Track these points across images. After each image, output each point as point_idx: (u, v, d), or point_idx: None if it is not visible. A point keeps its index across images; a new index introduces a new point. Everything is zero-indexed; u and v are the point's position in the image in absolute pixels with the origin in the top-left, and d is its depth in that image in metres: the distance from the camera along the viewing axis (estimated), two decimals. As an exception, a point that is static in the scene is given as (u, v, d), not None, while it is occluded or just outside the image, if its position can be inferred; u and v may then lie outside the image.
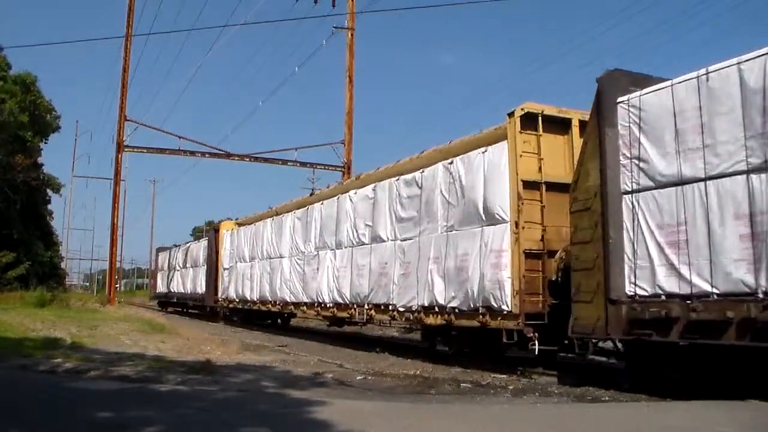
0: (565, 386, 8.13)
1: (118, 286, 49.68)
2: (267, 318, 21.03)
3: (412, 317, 11.48)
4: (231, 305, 22.36)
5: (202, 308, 27.20)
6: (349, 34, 26.43)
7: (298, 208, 17.54)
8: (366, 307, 12.80)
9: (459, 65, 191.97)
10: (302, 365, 10.08)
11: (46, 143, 38.13)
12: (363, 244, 13.24)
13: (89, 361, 8.74)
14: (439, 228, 10.81)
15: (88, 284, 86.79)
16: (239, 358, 10.39)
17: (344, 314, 14.02)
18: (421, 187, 11.44)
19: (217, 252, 24.09)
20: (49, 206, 42.53)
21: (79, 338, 11.83)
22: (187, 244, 31.76)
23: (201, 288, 26.51)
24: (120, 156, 26.90)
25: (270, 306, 18.64)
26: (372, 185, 13.25)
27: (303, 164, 29.08)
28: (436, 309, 10.65)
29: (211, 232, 25.46)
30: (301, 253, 16.48)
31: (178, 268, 32.28)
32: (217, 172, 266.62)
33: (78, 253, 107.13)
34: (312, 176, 44.32)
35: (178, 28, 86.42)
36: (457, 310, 10.20)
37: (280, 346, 13.64)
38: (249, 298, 20.22)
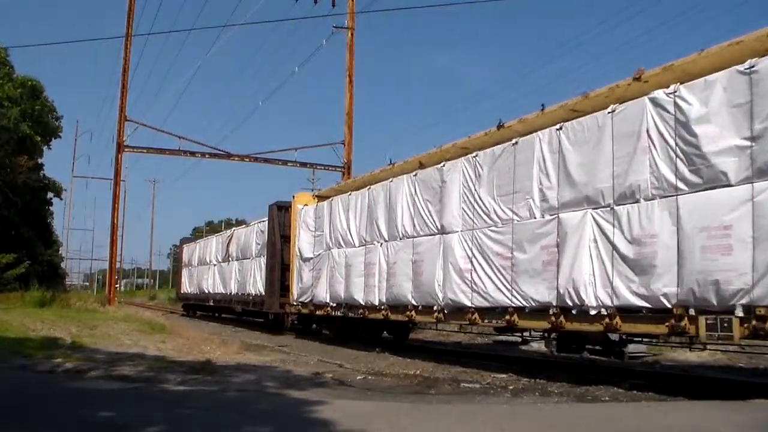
0: (565, 386, 8.13)
1: (118, 286, 49.67)
2: (378, 329, 14.56)
3: None
4: (318, 312, 15.19)
5: (260, 315, 20.88)
6: (349, 34, 26.40)
7: (482, 147, 10.39)
8: (743, 312, 6.31)
9: (458, 66, 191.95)
10: (302, 365, 10.08)
11: (50, 149, 38.35)
12: (722, 183, 6.65)
13: (89, 361, 8.73)
14: None
15: (88, 284, 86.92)
16: (239, 358, 10.39)
17: (657, 329, 7.35)
18: None
19: (286, 237, 17.54)
20: (50, 207, 42.68)
21: (79, 338, 11.83)
22: (230, 231, 24.98)
23: (256, 288, 20.08)
24: (120, 156, 26.84)
25: (413, 314, 11.48)
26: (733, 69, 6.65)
27: (303, 164, 29.02)
28: None
29: (273, 210, 18.59)
30: (500, 222, 9.61)
31: (214, 262, 25.59)
32: (217, 172, 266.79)
33: (78, 253, 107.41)
34: (312, 176, 44.34)
35: (178, 28, 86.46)
36: None
37: (280, 346, 13.63)
38: (363, 302, 13.03)
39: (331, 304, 14.50)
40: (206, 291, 26.47)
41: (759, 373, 10.40)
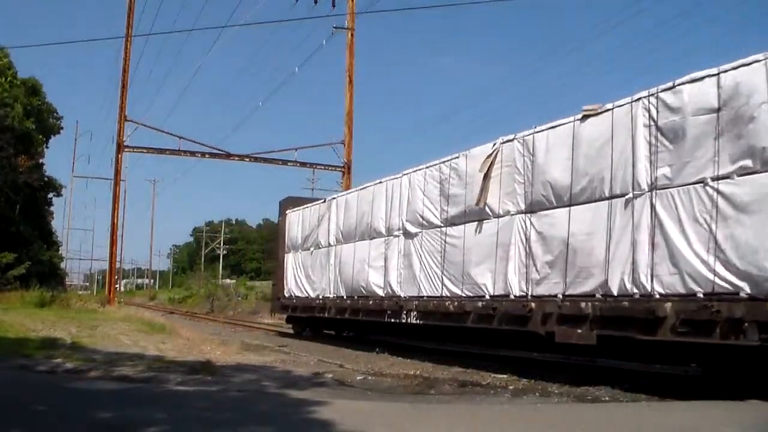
0: (565, 386, 8.13)
1: (118, 286, 49.68)
2: None
3: None
4: None
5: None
6: (349, 35, 26.42)
7: None
8: None
9: (459, 66, 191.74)
10: (302, 365, 10.07)
11: (47, 148, 38.56)
12: None
13: (89, 362, 8.73)
14: None
15: (88, 284, 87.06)
16: (239, 359, 10.38)
17: None
18: None
19: None
20: (50, 207, 42.86)
21: (79, 338, 11.82)
22: (453, 158, 10.95)
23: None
24: (120, 156, 26.87)
25: None
26: None
27: (303, 164, 29.03)
28: None
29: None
30: None
31: (402, 230, 12.27)
32: (217, 172, 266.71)
33: (78, 253, 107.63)
34: (312, 176, 44.10)
35: (178, 28, 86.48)
36: None
37: (280, 346, 13.62)
38: None
39: None
40: (381, 293, 13.02)
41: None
